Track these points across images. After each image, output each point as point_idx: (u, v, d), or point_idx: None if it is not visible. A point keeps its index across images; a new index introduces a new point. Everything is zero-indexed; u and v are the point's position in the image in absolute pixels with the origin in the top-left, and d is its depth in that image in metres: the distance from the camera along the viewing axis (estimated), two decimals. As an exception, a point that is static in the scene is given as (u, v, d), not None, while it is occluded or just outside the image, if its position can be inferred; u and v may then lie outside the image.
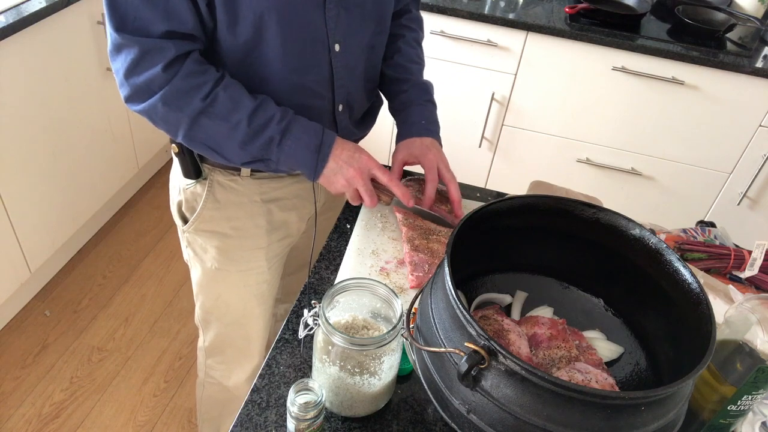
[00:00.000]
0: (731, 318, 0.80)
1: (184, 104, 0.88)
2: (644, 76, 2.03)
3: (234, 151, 0.93)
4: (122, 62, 0.86)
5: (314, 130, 0.96)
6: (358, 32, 1.01)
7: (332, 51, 0.98)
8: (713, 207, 2.28)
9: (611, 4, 2.14)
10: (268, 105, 0.94)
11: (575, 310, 0.92)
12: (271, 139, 0.93)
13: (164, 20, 0.84)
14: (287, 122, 0.94)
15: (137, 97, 0.88)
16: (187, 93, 0.87)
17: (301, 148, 0.95)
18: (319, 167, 0.96)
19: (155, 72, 0.85)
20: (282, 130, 0.93)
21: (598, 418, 0.62)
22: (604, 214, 0.86)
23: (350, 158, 0.97)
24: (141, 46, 0.84)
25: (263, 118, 0.92)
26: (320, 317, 0.74)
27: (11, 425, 1.76)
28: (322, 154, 0.96)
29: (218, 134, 0.92)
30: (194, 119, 0.89)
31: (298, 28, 0.92)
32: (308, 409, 0.72)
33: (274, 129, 0.93)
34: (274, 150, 0.94)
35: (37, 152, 1.91)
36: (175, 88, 0.87)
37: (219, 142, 0.93)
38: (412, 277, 1.00)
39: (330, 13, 0.94)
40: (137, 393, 1.88)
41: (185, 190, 1.10)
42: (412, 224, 1.10)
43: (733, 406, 0.78)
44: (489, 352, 0.64)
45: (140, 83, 0.86)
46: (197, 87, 0.88)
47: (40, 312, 2.10)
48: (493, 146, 2.34)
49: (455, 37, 2.10)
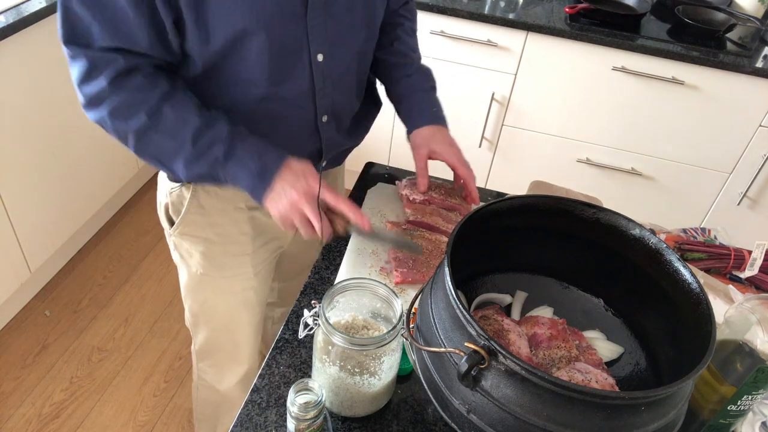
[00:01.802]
0: (731, 318, 0.80)
1: (130, 118, 0.86)
2: (644, 76, 2.03)
3: (180, 168, 0.91)
4: (75, 72, 0.85)
5: (258, 153, 0.91)
6: (348, 39, 0.98)
7: (314, 61, 0.94)
8: (713, 207, 2.28)
9: (611, 4, 2.14)
10: (216, 123, 0.90)
11: (575, 310, 0.92)
12: (215, 159, 0.89)
13: (114, 37, 0.82)
14: (231, 143, 0.90)
15: (90, 107, 0.87)
16: (133, 107, 0.86)
17: (243, 172, 0.90)
18: (261, 192, 0.91)
19: (102, 85, 0.84)
20: (225, 151, 0.89)
21: (598, 418, 0.62)
22: (604, 214, 0.86)
23: (295, 180, 0.91)
24: (89, 58, 0.83)
25: (209, 138, 0.89)
26: (320, 317, 0.74)
27: (11, 425, 1.76)
28: (265, 180, 0.90)
29: (165, 150, 0.90)
30: (141, 133, 0.87)
31: (278, 39, 0.89)
32: (308, 409, 0.72)
33: (219, 149, 0.89)
34: (220, 170, 0.90)
35: (37, 152, 1.91)
36: (121, 101, 0.85)
37: (167, 156, 0.91)
38: (397, 273, 1.01)
39: (313, 22, 0.90)
40: (137, 393, 1.88)
41: (171, 193, 1.08)
42: (395, 222, 1.11)
43: (733, 406, 0.78)
44: (489, 352, 0.64)
45: (91, 94, 0.85)
46: (143, 101, 0.86)
47: (40, 312, 2.10)
48: (493, 146, 2.34)
49: (455, 37, 2.10)
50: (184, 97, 0.90)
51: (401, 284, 1.00)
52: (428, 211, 1.13)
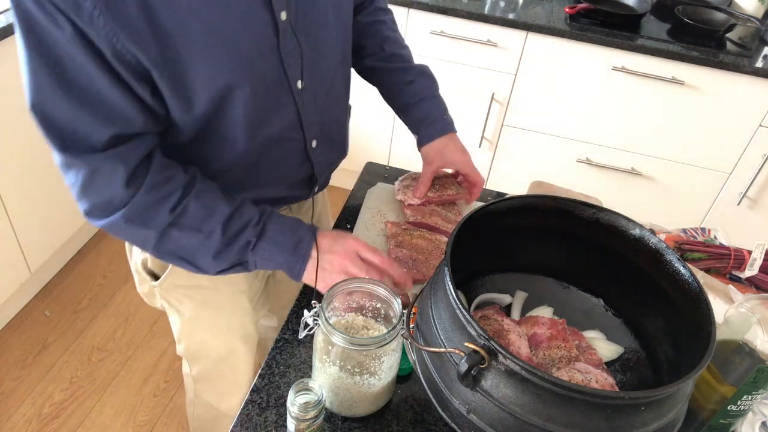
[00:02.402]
0: (731, 318, 0.80)
1: (149, 219, 0.79)
2: (644, 76, 2.03)
3: (208, 261, 0.84)
4: (74, 180, 0.77)
5: (291, 228, 0.87)
6: (326, 54, 0.92)
7: (294, 90, 0.88)
8: (713, 207, 2.28)
9: (611, 4, 2.14)
10: (245, 208, 0.85)
11: (575, 310, 0.92)
12: (247, 244, 0.84)
13: (107, 125, 0.73)
14: (263, 225, 0.85)
15: (97, 214, 0.79)
16: (153, 207, 0.79)
17: (276, 250, 0.85)
18: (299, 267, 0.86)
19: (115, 190, 0.76)
20: (258, 233, 0.84)
21: (598, 418, 0.62)
22: (604, 214, 0.86)
23: (332, 245, 0.87)
24: (90, 165, 0.75)
25: (239, 224, 0.84)
26: (320, 317, 0.74)
27: (11, 425, 1.76)
28: (300, 253, 0.86)
29: (190, 245, 0.83)
30: (162, 233, 0.81)
31: (260, 82, 0.82)
32: (308, 409, 0.72)
33: (250, 233, 0.84)
34: (249, 254, 0.85)
35: (37, 152, 1.90)
36: (139, 205, 0.78)
37: (191, 253, 0.84)
38: None
39: (286, 50, 0.82)
40: (137, 393, 1.88)
41: None
42: (395, 222, 1.12)
43: (733, 406, 0.78)
44: (489, 352, 0.64)
45: (99, 202, 0.78)
46: (164, 199, 0.79)
47: (40, 312, 2.10)
48: (493, 146, 2.34)
49: (455, 37, 2.10)
50: (206, 184, 0.85)
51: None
52: (427, 211, 1.13)
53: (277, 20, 0.79)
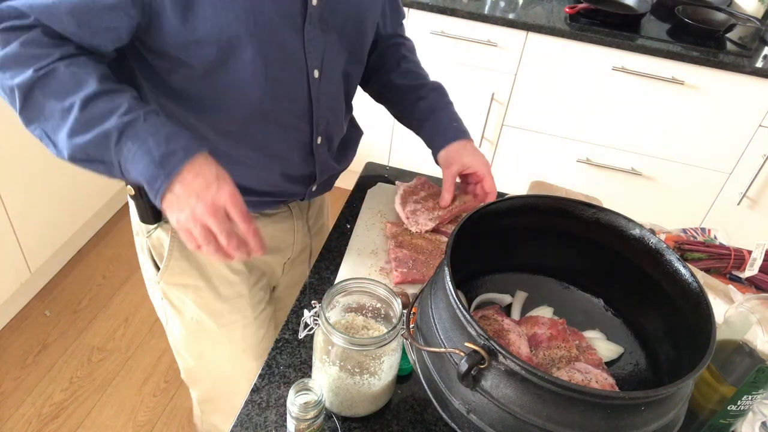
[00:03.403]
0: (731, 318, 0.80)
1: (17, 73, 0.72)
2: (644, 76, 2.03)
3: (63, 141, 0.73)
4: None
5: (166, 135, 0.73)
6: (337, 59, 0.93)
7: (311, 78, 0.87)
8: (713, 207, 2.28)
9: (611, 4, 2.14)
10: (120, 95, 0.74)
11: (575, 310, 0.92)
12: (107, 134, 0.72)
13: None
14: (134, 117, 0.73)
15: None
16: (24, 59, 0.72)
17: (141, 154, 0.72)
18: (161, 185, 0.72)
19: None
20: (123, 125, 0.72)
21: (598, 418, 0.62)
22: (604, 214, 0.86)
23: (203, 187, 0.72)
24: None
25: (104, 107, 0.72)
26: (320, 317, 0.74)
27: (11, 425, 1.76)
28: (167, 170, 0.72)
29: (51, 116, 0.74)
30: (26, 93, 0.72)
31: (273, 50, 0.82)
32: (308, 409, 0.72)
33: (114, 122, 0.72)
34: (112, 150, 0.73)
35: (37, 152, 1.90)
36: (11, 52, 0.71)
37: (51, 127, 0.74)
38: (397, 273, 1.00)
39: (309, 36, 0.84)
40: (137, 393, 1.88)
41: (150, 235, 0.99)
42: (395, 222, 1.11)
43: (733, 406, 0.78)
44: (489, 352, 0.64)
45: None
46: (35, 57, 0.72)
47: (40, 312, 2.10)
48: (493, 146, 2.34)
49: (455, 37, 2.10)
50: (88, 60, 0.75)
51: (401, 284, 1.00)
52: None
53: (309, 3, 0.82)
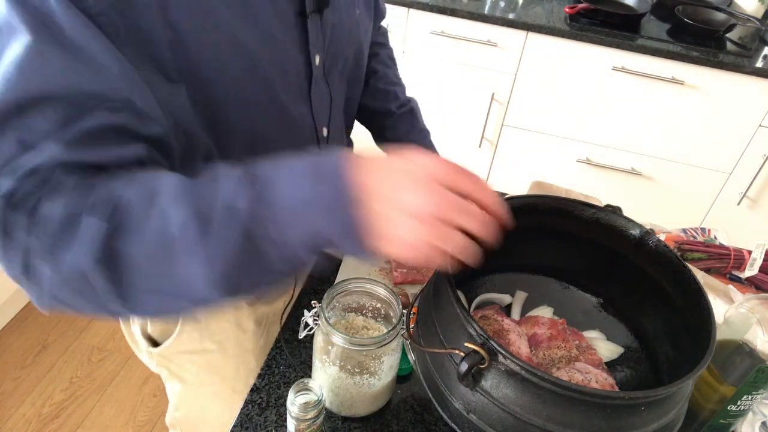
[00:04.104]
0: (731, 318, 0.80)
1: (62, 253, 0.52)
2: (644, 76, 2.03)
3: (207, 282, 0.51)
4: None
5: (300, 156, 0.52)
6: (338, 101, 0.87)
7: (320, 137, 0.82)
8: (713, 207, 2.28)
9: (611, 4, 2.14)
10: (209, 171, 0.52)
11: (575, 310, 0.92)
12: (234, 210, 0.49)
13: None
14: (252, 169, 0.52)
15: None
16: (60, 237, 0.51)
17: (295, 186, 0.50)
18: (350, 224, 0.50)
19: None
20: (250, 181, 0.50)
21: (598, 418, 0.62)
22: (604, 214, 0.86)
23: (401, 177, 0.50)
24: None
25: (211, 190, 0.50)
26: (320, 317, 0.74)
27: (11, 425, 1.76)
28: (343, 201, 0.49)
29: (149, 262, 0.51)
30: (98, 259, 0.50)
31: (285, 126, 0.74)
32: (308, 409, 0.72)
33: (241, 194, 0.49)
34: (257, 224, 0.49)
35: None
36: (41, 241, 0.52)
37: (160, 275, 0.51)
38: (397, 273, 1.01)
39: (314, 96, 0.79)
40: (137, 393, 1.88)
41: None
42: None
43: (733, 406, 0.78)
44: (489, 352, 0.64)
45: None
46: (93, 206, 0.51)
47: (40, 312, 2.09)
48: (493, 146, 2.34)
49: (455, 37, 2.10)
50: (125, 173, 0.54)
51: (401, 284, 1.00)
52: None
53: (312, 65, 0.76)
